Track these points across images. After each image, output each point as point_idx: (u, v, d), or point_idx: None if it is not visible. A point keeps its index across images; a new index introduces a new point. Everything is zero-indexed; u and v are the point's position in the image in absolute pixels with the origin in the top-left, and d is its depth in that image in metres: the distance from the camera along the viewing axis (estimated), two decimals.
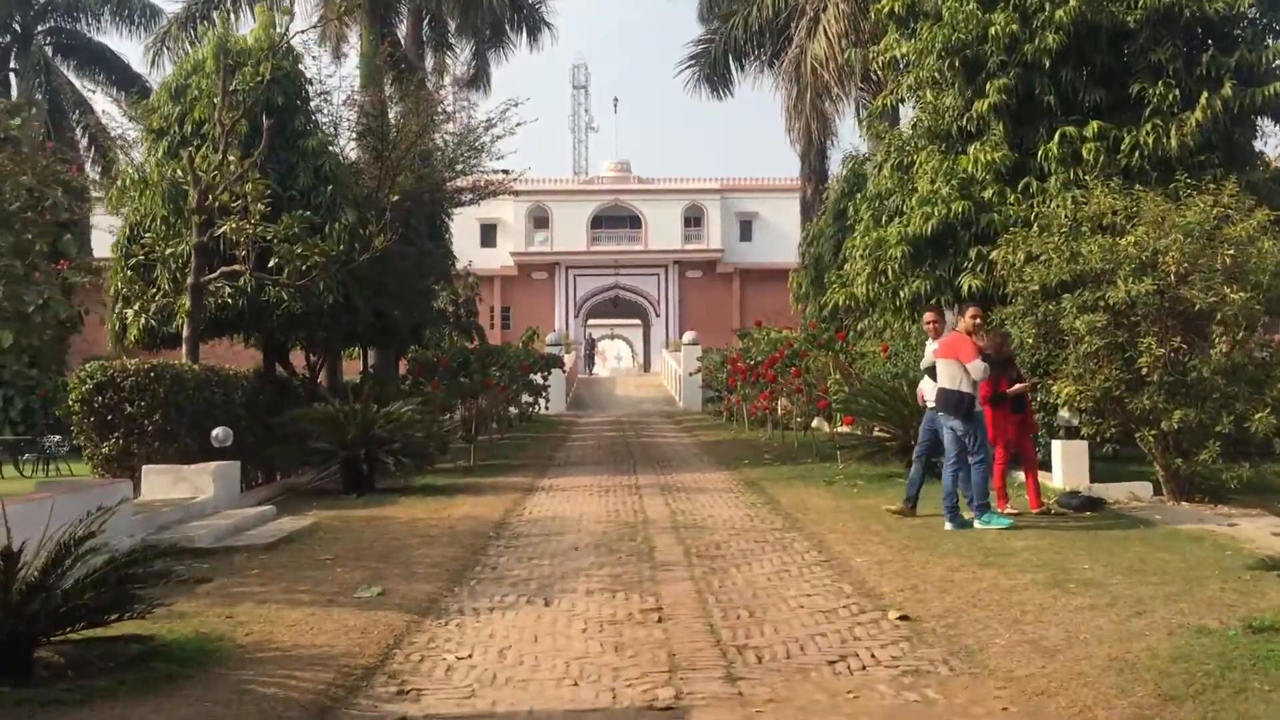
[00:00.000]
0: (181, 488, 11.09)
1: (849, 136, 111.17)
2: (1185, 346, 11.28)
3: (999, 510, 10.42)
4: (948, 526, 9.87)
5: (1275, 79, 13.82)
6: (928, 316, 11.56)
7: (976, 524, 9.68)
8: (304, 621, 6.80)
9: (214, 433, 11.97)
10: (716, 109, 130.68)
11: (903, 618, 6.75)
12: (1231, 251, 11.20)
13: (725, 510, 11.73)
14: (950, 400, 9.76)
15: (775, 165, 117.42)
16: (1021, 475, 11.28)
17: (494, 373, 20.00)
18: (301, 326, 15.79)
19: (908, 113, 17.99)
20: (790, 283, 32.27)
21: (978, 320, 10.38)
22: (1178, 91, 13.54)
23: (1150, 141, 13.48)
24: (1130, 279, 11.39)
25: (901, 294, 14.88)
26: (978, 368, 9.63)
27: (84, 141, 31.30)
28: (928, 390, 10.67)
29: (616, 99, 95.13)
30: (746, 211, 56.63)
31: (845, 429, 16.31)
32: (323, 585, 7.95)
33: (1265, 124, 15.08)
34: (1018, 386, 10.81)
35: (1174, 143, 13.37)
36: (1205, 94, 13.27)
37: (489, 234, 55.62)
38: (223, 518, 10.75)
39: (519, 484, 14.87)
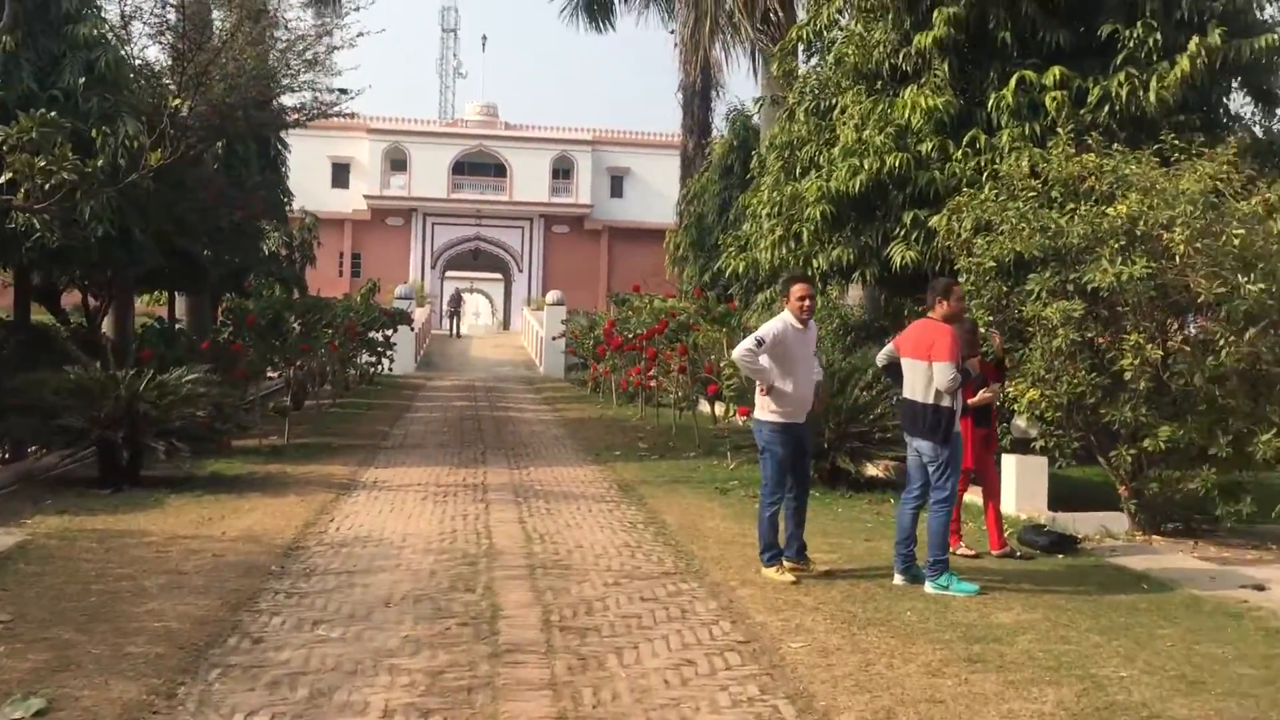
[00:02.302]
0: None
1: (737, 88, 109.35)
2: (1187, 348, 8.97)
3: (957, 551, 7.98)
4: (898, 580, 7.34)
5: (1265, 30, 11.65)
6: (798, 290, 7.58)
7: (929, 587, 7.13)
8: None
9: None
10: (594, 59, 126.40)
11: None
12: (1241, 231, 8.91)
13: (597, 535, 8.97)
14: (918, 415, 7.15)
15: (651, 121, 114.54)
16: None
17: (322, 331, 16.78)
18: (65, 262, 12.41)
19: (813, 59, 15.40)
20: (666, 243, 29.70)
21: (962, 304, 7.80)
22: (1159, 36, 11.23)
23: (1124, 94, 11.15)
24: (1119, 259, 9.03)
25: (816, 263, 12.31)
26: (943, 373, 7.00)
27: None
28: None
29: (485, 37, 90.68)
30: (619, 166, 53.78)
31: (740, 419, 13.70)
32: None
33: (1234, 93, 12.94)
34: (983, 394, 8.29)
35: (1153, 97, 11.06)
36: (1196, 39, 10.97)
37: (341, 174, 51.62)
38: None
39: (336, 476, 11.84)
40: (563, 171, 53.66)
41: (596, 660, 5.62)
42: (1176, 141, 10.10)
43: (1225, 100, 12.50)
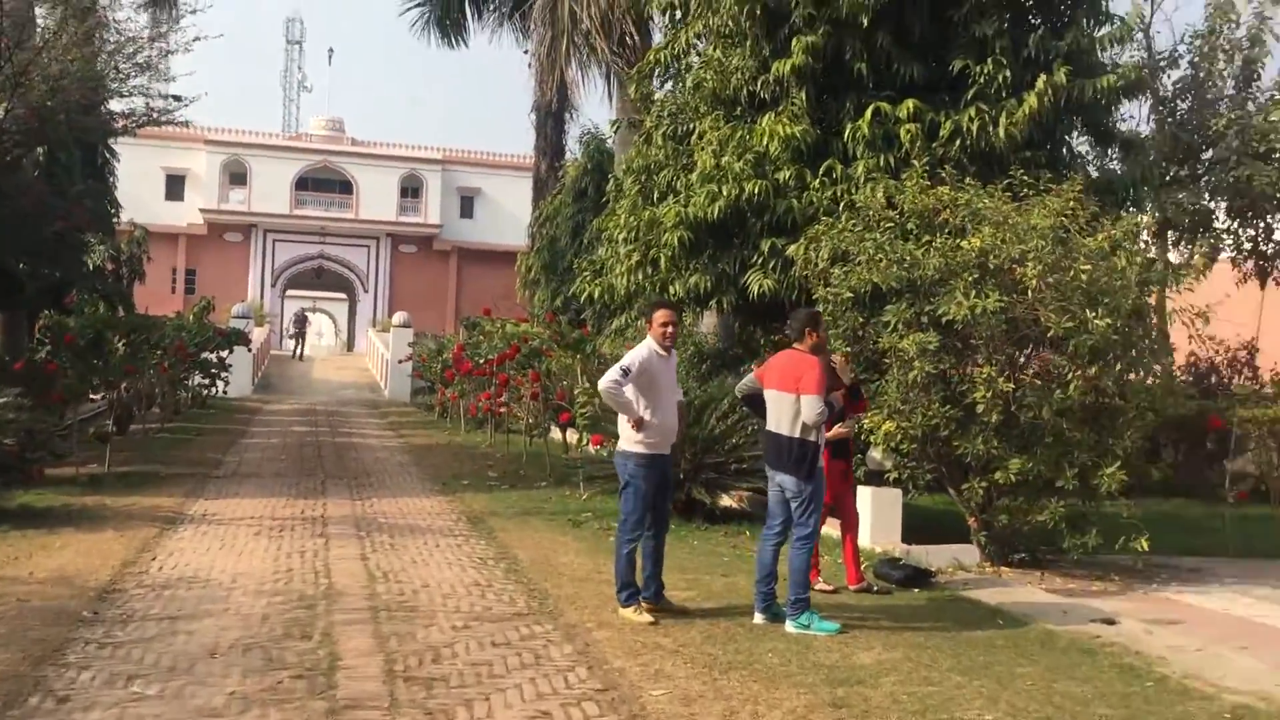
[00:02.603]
0: None
1: (591, 111, 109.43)
2: (1038, 381, 9.06)
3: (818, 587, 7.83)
4: (758, 619, 7.12)
5: (1105, 72, 12.01)
6: (661, 316, 7.33)
7: (790, 626, 6.92)
8: None
9: None
10: (445, 77, 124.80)
11: None
12: (1088, 267, 9.07)
13: (445, 572, 8.51)
14: (784, 450, 6.95)
15: (503, 142, 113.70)
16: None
17: (150, 351, 15.77)
18: None
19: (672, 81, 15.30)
20: (518, 266, 29.27)
21: (827, 335, 7.63)
22: (1008, 73, 11.46)
23: (974, 129, 11.32)
24: (972, 291, 9.08)
25: (674, 289, 12.12)
26: (812, 407, 6.82)
27: None
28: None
29: (331, 50, 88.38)
30: (470, 186, 53.06)
31: (593, 448, 13.37)
32: None
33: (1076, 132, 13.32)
34: (838, 429, 8.15)
35: (1002, 133, 11.25)
36: (1044, 77, 11.21)
37: (176, 185, 49.52)
38: None
39: (161, 509, 11.03)
40: (411, 190, 52.63)
41: (445, 715, 5.20)
42: (1025, 177, 10.27)
43: (1068, 139, 12.85)
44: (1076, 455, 9.18)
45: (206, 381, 22.64)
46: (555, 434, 16.68)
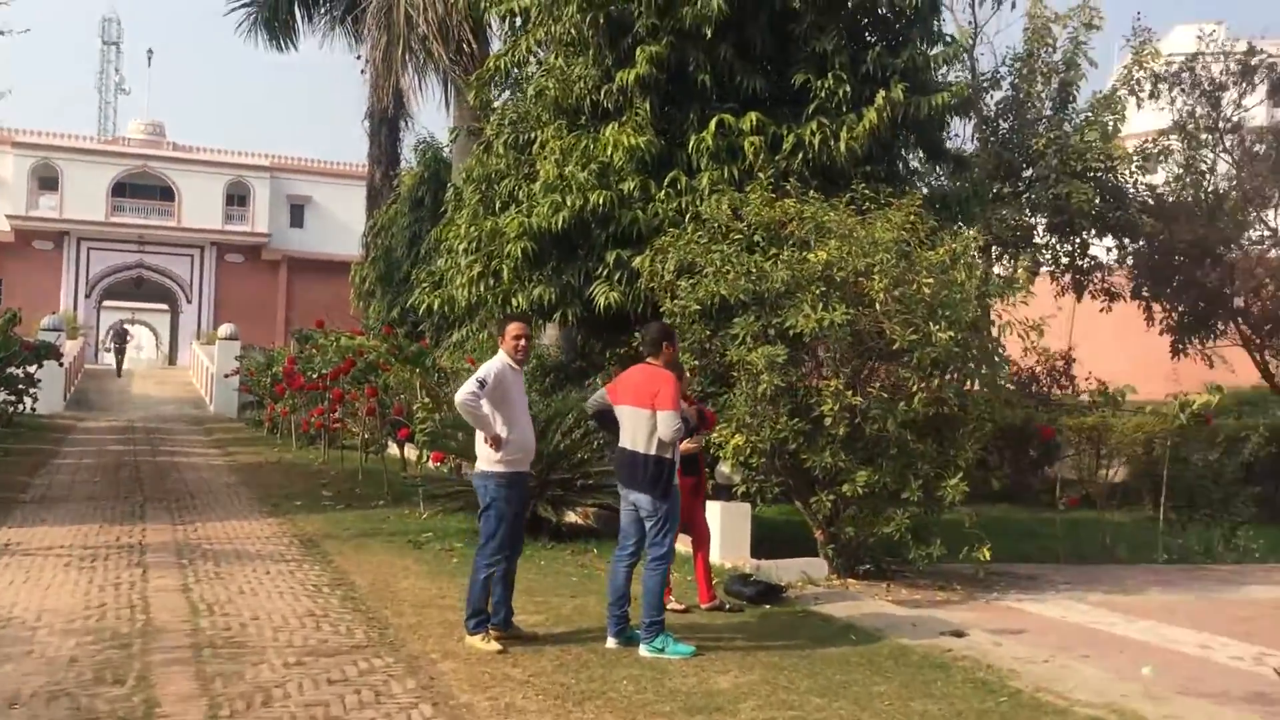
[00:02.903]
0: None
1: (428, 120, 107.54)
2: (884, 394, 9.10)
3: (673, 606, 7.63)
4: (611, 644, 6.87)
5: (940, 90, 12.27)
6: (514, 329, 7.04)
7: (644, 650, 6.70)
8: None
9: None
10: (274, 82, 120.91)
11: None
12: (930, 280, 9.18)
13: (276, 603, 7.98)
14: (639, 467, 6.72)
15: (335, 150, 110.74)
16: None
17: None
18: None
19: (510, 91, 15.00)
20: (352, 277, 28.38)
21: (676, 348, 7.43)
22: (848, 88, 11.57)
23: (816, 143, 11.39)
24: (819, 304, 9.08)
25: (517, 301, 11.80)
26: (669, 423, 6.63)
27: None
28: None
29: (150, 51, 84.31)
30: (300, 195, 51.38)
31: (434, 465, 12.92)
32: None
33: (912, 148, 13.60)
34: (686, 444, 7.95)
35: (843, 147, 11.36)
36: (883, 92, 11.36)
37: None
38: None
39: None
40: (238, 198, 50.64)
41: None
42: (867, 191, 10.37)
43: (905, 154, 13.09)
44: (920, 466, 9.28)
45: (12, 398, 21.14)
46: (393, 450, 16.12)
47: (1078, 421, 15.31)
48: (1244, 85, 17.92)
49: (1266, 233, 17.48)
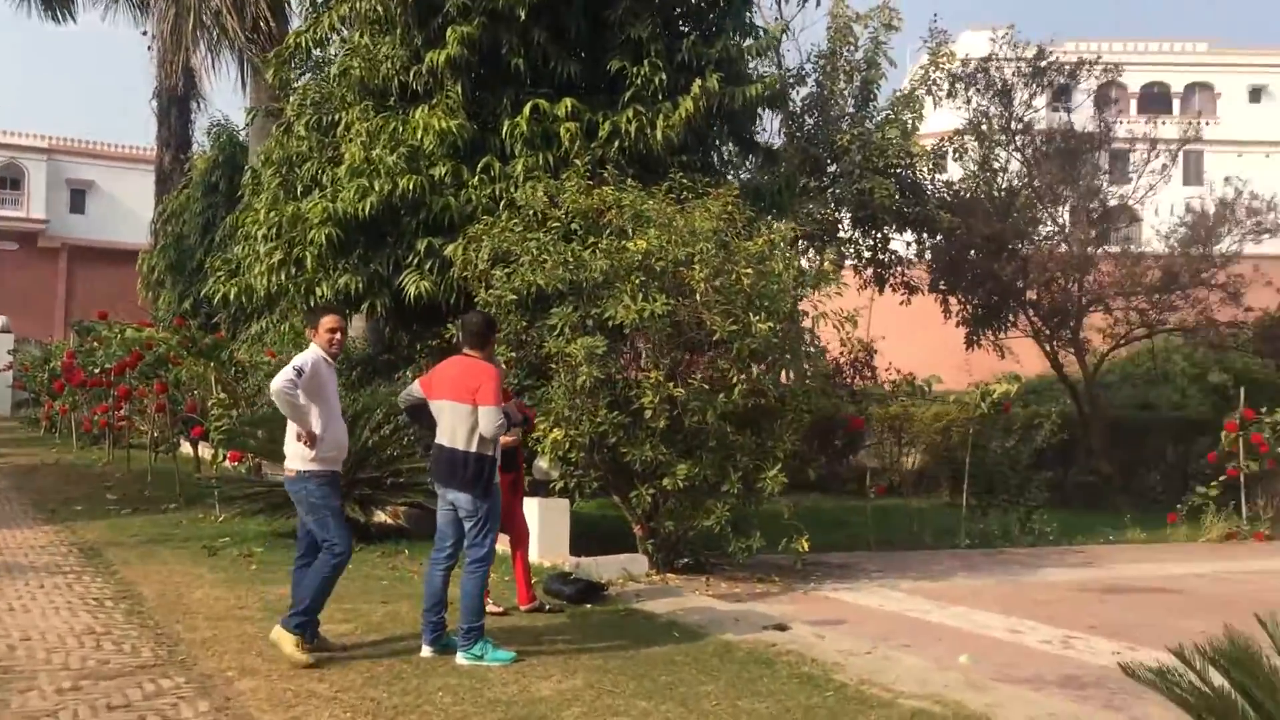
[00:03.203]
0: None
1: (222, 101, 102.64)
2: (705, 386, 8.98)
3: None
4: (426, 652, 6.49)
5: (752, 81, 12.29)
6: (329, 321, 6.58)
7: (462, 658, 6.33)
8: None
9: None
10: (53, 57, 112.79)
11: None
12: (749, 270, 9.12)
13: (52, 620, 7.23)
14: (458, 465, 6.34)
15: (119, 132, 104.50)
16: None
17: None
18: None
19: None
20: (140, 265, 26.74)
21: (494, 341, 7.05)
22: (664, 76, 11.43)
23: (632, 131, 11.21)
24: (639, 294, 8.90)
25: (321, 290, 11.19)
26: (491, 418, 6.28)
27: None
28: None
29: None
30: (82, 179, 48.30)
31: (231, 464, 12.15)
32: None
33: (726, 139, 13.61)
34: (505, 439, 7.61)
35: (659, 136, 11.21)
36: (699, 82, 11.27)
37: None
38: None
39: None
40: (10, 181, 47.20)
41: None
42: (684, 180, 10.25)
43: (720, 145, 13.08)
44: (740, 458, 9.24)
45: None
46: (186, 450, 15.16)
47: (884, 411, 15.73)
48: (1034, 87, 18.74)
49: (1055, 228, 18.34)
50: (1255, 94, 52.12)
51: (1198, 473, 17.42)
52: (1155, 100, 49.36)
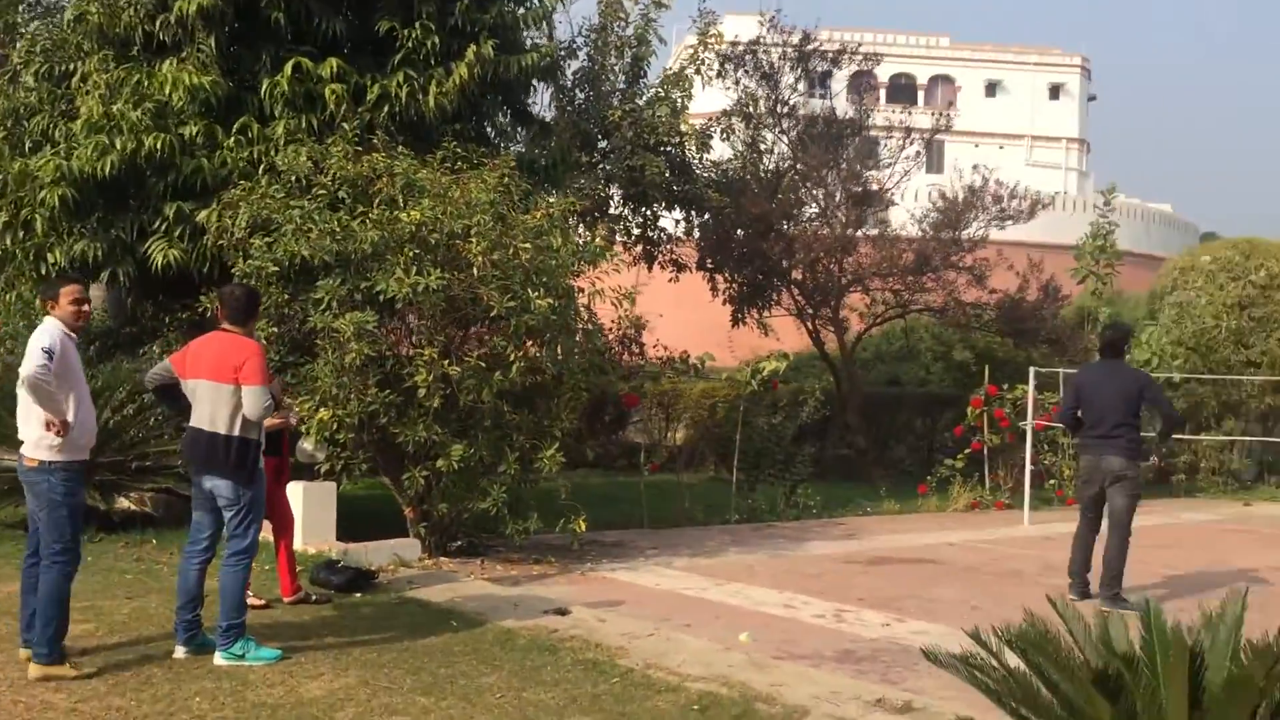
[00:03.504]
0: None
1: None
2: (482, 364, 8.66)
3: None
4: (180, 653, 5.95)
5: (529, 51, 11.97)
6: (71, 291, 5.84)
7: (220, 658, 5.82)
8: None
9: None
10: None
11: None
12: (528, 245, 8.86)
13: None
14: (218, 450, 5.79)
15: None
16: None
17: None
18: None
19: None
20: None
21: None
22: (436, 40, 10.96)
23: (403, 96, 10.69)
24: (413, 268, 8.49)
25: (54, 256, 10.18)
26: (257, 399, 5.77)
27: None
28: None
29: None
30: None
31: None
32: None
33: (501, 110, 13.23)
34: (271, 420, 7.09)
35: (432, 102, 10.75)
36: (473, 47, 10.85)
37: None
38: None
39: None
40: None
41: None
42: (459, 150, 9.86)
43: (494, 116, 12.70)
44: (517, 438, 8.99)
45: None
46: None
47: (655, 388, 15.80)
48: (799, 71, 19.19)
49: (818, 210, 18.86)
50: (991, 89, 55.80)
51: (942, 445, 18.43)
52: (902, 91, 52.09)
